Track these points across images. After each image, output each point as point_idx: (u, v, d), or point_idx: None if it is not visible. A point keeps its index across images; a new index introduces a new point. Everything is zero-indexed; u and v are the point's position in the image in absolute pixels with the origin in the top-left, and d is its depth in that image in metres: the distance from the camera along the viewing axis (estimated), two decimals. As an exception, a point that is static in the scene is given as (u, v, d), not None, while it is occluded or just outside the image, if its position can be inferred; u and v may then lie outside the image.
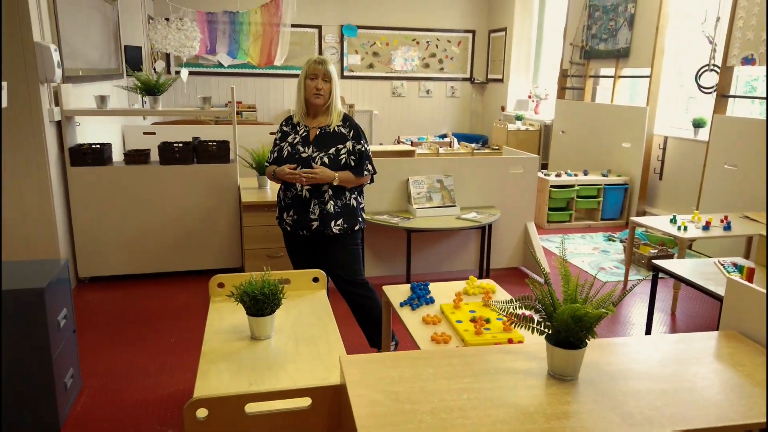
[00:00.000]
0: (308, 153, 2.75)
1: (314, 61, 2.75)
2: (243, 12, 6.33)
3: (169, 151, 4.03)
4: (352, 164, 2.80)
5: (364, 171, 2.82)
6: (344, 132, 2.80)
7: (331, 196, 2.77)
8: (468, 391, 1.41)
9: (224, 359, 1.88)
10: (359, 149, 2.81)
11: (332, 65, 2.78)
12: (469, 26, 9.50)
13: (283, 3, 6.28)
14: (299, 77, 2.78)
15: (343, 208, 2.81)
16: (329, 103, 2.77)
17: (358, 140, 2.81)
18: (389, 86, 9.42)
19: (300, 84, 2.76)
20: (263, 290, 1.95)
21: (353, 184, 2.82)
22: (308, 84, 2.74)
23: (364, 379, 1.47)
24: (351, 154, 2.79)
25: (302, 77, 2.76)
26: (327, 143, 2.76)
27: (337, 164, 2.76)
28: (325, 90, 2.73)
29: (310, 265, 2.89)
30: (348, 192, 2.83)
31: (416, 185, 4.10)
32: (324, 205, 2.77)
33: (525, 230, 4.50)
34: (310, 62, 2.76)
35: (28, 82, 3.44)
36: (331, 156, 2.75)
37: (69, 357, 2.65)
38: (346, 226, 2.82)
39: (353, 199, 2.87)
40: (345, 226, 2.82)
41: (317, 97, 2.73)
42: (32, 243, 3.69)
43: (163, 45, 5.60)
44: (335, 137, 2.79)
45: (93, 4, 4.82)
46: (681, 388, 1.44)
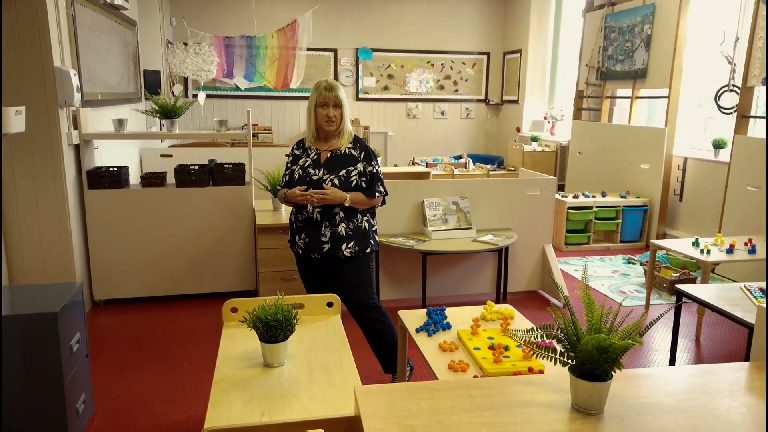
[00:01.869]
0: (319, 175, 2.74)
1: (324, 88, 2.71)
2: (260, 36, 6.41)
3: (185, 173, 4.04)
4: (363, 186, 2.78)
5: (375, 192, 2.80)
6: (355, 154, 2.79)
7: (342, 219, 2.75)
8: (488, 425, 1.35)
9: (236, 387, 1.83)
10: (370, 171, 2.79)
11: (341, 90, 2.77)
12: (483, 48, 9.53)
13: (299, 27, 6.35)
14: (309, 103, 2.76)
15: (354, 231, 2.79)
16: (341, 126, 2.77)
17: (369, 162, 2.79)
18: (404, 108, 9.44)
19: (310, 110, 2.75)
20: (276, 316, 1.91)
21: (365, 205, 2.79)
22: (319, 112, 2.72)
23: (379, 411, 1.41)
24: (362, 175, 2.78)
25: (312, 104, 2.74)
26: (338, 165, 2.76)
27: (348, 186, 2.74)
28: (337, 116, 2.72)
29: (323, 289, 2.87)
30: (360, 214, 2.81)
31: (432, 207, 4.06)
32: (335, 227, 2.75)
33: (543, 253, 4.42)
34: (320, 89, 2.71)
35: (47, 106, 3.48)
36: (342, 178, 2.74)
37: (81, 382, 2.62)
38: (357, 249, 2.79)
39: (365, 221, 2.84)
40: (357, 248, 2.79)
41: (330, 125, 2.72)
42: (48, 265, 3.70)
43: (181, 69, 5.67)
44: (346, 159, 2.77)
45: (113, 30, 4.90)
46: (714, 424, 1.36)
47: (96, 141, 4.10)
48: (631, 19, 6.25)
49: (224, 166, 4.13)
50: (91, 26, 4.23)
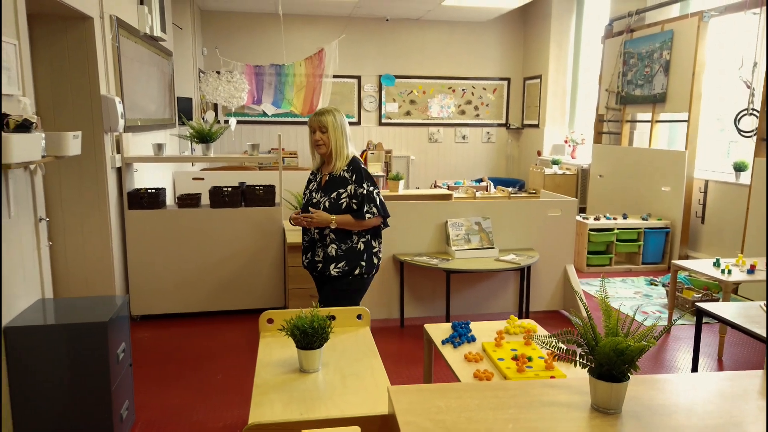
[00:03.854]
0: (317, 198, 2.85)
1: (313, 114, 2.86)
2: (288, 64, 6.67)
3: (218, 195, 4.24)
4: (355, 207, 2.81)
5: (366, 214, 2.79)
6: (346, 176, 2.82)
7: (333, 240, 2.82)
8: (513, 421, 1.46)
9: (275, 390, 1.96)
10: (361, 192, 2.80)
11: (329, 115, 2.81)
12: (504, 74, 9.71)
13: (326, 56, 6.60)
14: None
15: (347, 252, 2.83)
16: (332, 150, 2.82)
17: (360, 183, 2.81)
18: (426, 132, 9.63)
19: (309, 137, 2.90)
20: (313, 324, 2.05)
21: (355, 227, 2.81)
22: (311, 137, 2.86)
23: (412, 408, 1.53)
24: (352, 197, 2.80)
25: (309, 131, 2.89)
26: (332, 188, 2.83)
27: (338, 208, 2.80)
28: (324, 140, 2.80)
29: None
30: (355, 235, 2.84)
31: (455, 227, 4.19)
32: (326, 248, 2.84)
33: (564, 273, 4.50)
34: (311, 115, 2.87)
35: (93, 132, 3.71)
36: (332, 200, 2.80)
37: (125, 390, 2.77)
38: (347, 269, 2.83)
39: (361, 242, 2.86)
40: (346, 269, 2.83)
41: (318, 148, 2.84)
42: (90, 281, 3.89)
43: (213, 96, 5.93)
44: (338, 182, 2.83)
45: (152, 60, 5.18)
46: (727, 424, 1.45)
47: (135, 164, 4.33)
48: (650, 45, 6.38)
49: (256, 187, 4.32)
50: (133, 57, 4.50)
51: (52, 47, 3.58)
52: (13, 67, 2.44)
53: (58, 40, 3.57)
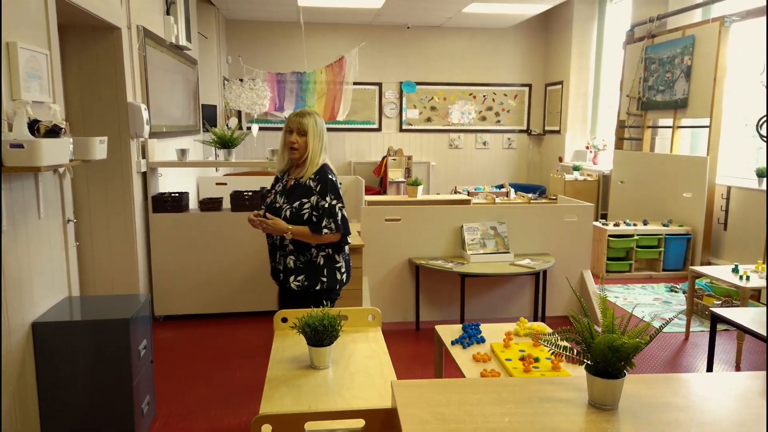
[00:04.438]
0: (280, 203, 2.69)
1: (293, 114, 2.68)
2: (309, 72, 6.80)
3: (239, 199, 4.36)
4: (314, 220, 2.64)
5: (323, 229, 2.62)
6: (312, 185, 2.65)
7: (292, 251, 2.67)
8: (510, 415, 1.51)
9: (286, 385, 2.04)
10: (323, 205, 2.62)
11: (311, 118, 2.65)
12: (525, 80, 9.72)
13: (346, 63, 6.71)
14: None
15: (306, 265, 2.68)
16: (306, 156, 2.65)
17: (323, 196, 2.63)
18: (446, 138, 9.68)
19: (282, 135, 2.73)
20: (323, 322, 2.12)
21: (311, 240, 2.65)
22: (286, 137, 2.67)
23: (413, 401, 1.59)
24: (314, 209, 2.63)
25: (284, 129, 2.72)
26: (295, 196, 2.67)
27: (300, 218, 2.62)
28: (300, 144, 2.62)
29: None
30: (314, 248, 2.68)
31: (470, 232, 4.23)
32: (285, 258, 2.70)
33: (581, 278, 4.50)
34: (291, 115, 2.70)
35: (120, 137, 3.86)
36: (294, 209, 2.63)
37: (146, 385, 2.88)
38: (306, 284, 2.69)
39: (322, 256, 2.69)
40: (306, 283, 2.69)
41: (292, 152, 2.65)
42: (116, 281, 4.03)
43: (236, 103, 6.08)
44: (303, 190, 2.66)
45: (178, 68, 5.35)
46: (724, 421, 1.48)
47: (160, 169, 4.48)
48: (671, 51, 6.34)
49: (275, 192, 4.42)
50: (158, 65, 4.65)
51: (82, 56, 3.74)
52: (44, 75, 2.57)
53: (88, 50, 3.73)
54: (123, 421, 2.65)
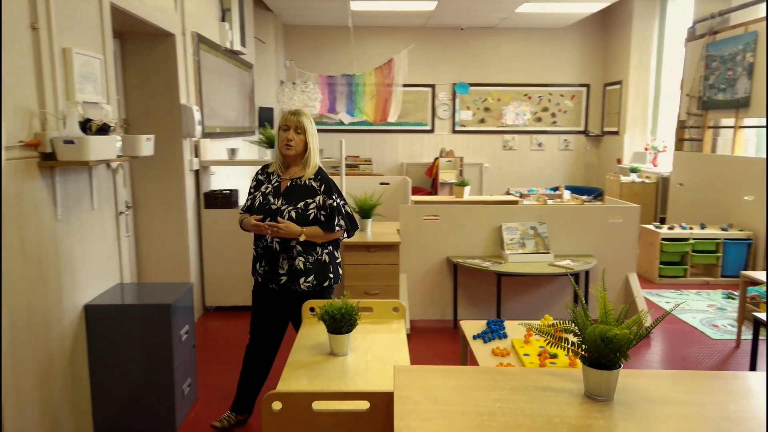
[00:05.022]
0: (277, 205, 2.64)
1: (288, 112, 2.69)
2: (359, 74, 6.94)
3: (284, 196, 4.53)
4: (322, 219, 2.66)
5: (335, 226, 2.66)
6: (315, 185, 2.67)
7: (300, 252, 2.65)
8: (502, 401, 1.55)
9: (304, 368, 2.15)
10: (330, 204, 2.66)
11: (307, 118, 2.67)
12: (583, 80, 9.50)
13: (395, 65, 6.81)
14: (276, 127, 2.75)
15: (314, 264, 2.68)
16: (306, 156, 2.68)
17: (329, 194, 2.67)
18: (500, 140, 9.60)
19: (276, 135, 2.72)
20: (342, 311, 2.22)
21: (322, 239, 2.67)
22: (281, 135, 2.66)
23: (411, 384, 1.66)
24: (321, 208, 2.65)
25: (277, 128, 2.71)
26: (296, 196, 2.65)
27: (306, 219, 2.62)
28: (297, 141, 2.64)
29: (273, 320, 2.84)
30: (319, 247, 2.69)
31: (509, 231, 4.22)
32: (292, 260, 2.65)
33: (626, 281, 4.40)
34: (285, 113, 2.69)
35: (173, 137, 4.11)
36: (300, 210, 2.63)
37: (188, 368, 3.07)
38: (315, 283, 2.69)
39: (326, 254, 2.72)
40: (315, 282, 2.69)
41: (287, 149, 2.64)
42: (169, 271, 4.29)
43: (289, 105, 6.30)
44: (305, 190, 2.66)
45: (232, 72, 5.61)
46: (718, 417, 1.46)
47: (213, 167, 4.72)
48: (733, 48, 6.06)
49: (319, 190, 4.57)
50: (212, 69, 4.91)
51: (140, 61, 4.01)
52: (98, 78, 2.81)
53: (145, 55, 4.00)
54: (165, 400, 2.84)
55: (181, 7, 4.16)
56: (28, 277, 2.30)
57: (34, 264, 2.34)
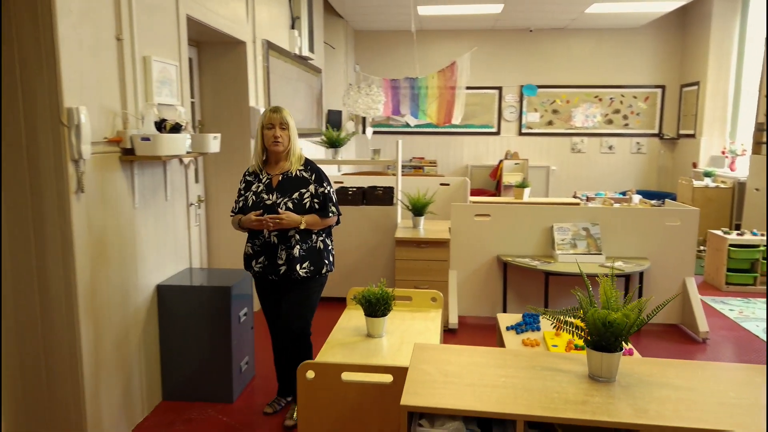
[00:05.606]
0: (272, 199, 2.75)
1: (270, 111, 2.78)
2: (421, 77, 7.11)
3: (343, 194, 4.77)
4: (317, 207, 2.78)
5: (329, 213, 2.80)
6: (306, 176, 2.80)
7: (298, 240, 2.75)
8: (507, 377, 1.68)
9: (341, 346, 2.35)
10: (322, 191, 2.79)
11: (287, 112, 2.79)
12: (658, 81, 9.20)
13: (457, 68, 6.92)
14: (257, 127, 2.82)
15: (308, 251, 2.78)
16: (288, 149, 2.80)
17: (320, 183, 2.80)
18: (568, 142, 9.46)
19: (257, 134, 2.80)
20: (377, 296, 2.40)
21: (319, 226, 2.79)
22: (266, 133, 2.76)
23: (427, 359, 1.82)
24: (314, 197, 2.78)
25: (259, 127, 2.79)
26: (290, 188, 2.77)
27: (302, 208, 2.74)
28: (284, 137, 2.75)
29: (277, 311, 2.93)
30: (314, 235, 2.81)
31: (561, 232, 4.25)
32: (290, 249, 2.75)
33: (684, 285, 4.31)
34: (266, 112, 2.79)
35: (242, 136, 4.45)
36: (295, 200, 2.74)
37: (245, 347, 3.35)
38: (313, 269, 2.80)
39: (320, 241, 2.83)
40: (312, 269, 2.79)
41: (276, 145, 2.74)
42: (236, 262, 4.62)
43: (353, 108, 6.56)
44: (297, 182, 2.78)
45: (300, 77, 5.94)
46: (710, 402, 1.52)
47: (278, 166, 5.03)
48: (817, 45, 5.73)
49: (376, 189, 4.78)
50: (281, 74, 5.24)
51: (214, 67, 4.38)
52: (174, 83, 3.14)
53: (219, 61, 4.36)
54: (223, 374, 3.13)
55: (252, 17, 4.50)
56: (108, 257, 2.64)
57: (114, 246, 2.68)
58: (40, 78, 2.28)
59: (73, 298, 2.41)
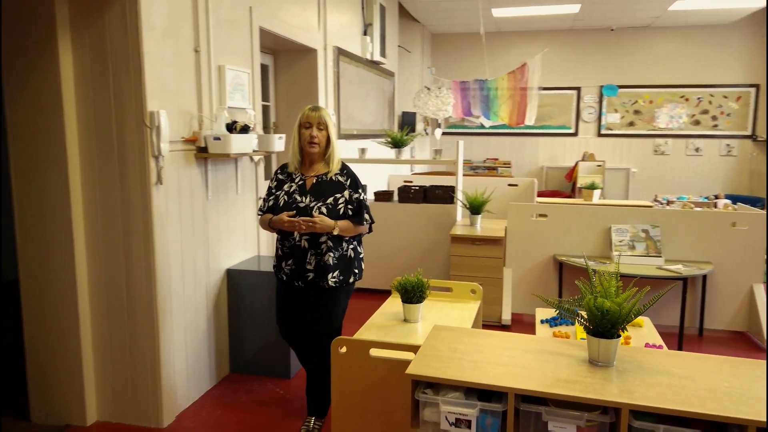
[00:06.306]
0: (306, 202, 2.64)
1: (309, 109, 2.68)
2: (491, 79, 7.19)
3: (405, 192, 4.99)
4: (350, 213, 2.68)
5: (363, 220, 2.71)
6: (342, 180, 2.70)
7: (330, 247, 2.65)
8: (511, 357, 1.83)
9: (377, 328, 2.57)
10: (356, 198, 2.70)
11: (326, 112, 2.68)
12: (751, 80, 8.69)
13: (528, 69, 6.94)
14: (294, 126, 2.72)
15: (340, 260, 2.69)
16: (329, 152, 2.70)
17: (355, 189, 2.71)
18: (651, 144, 9.14)
19: (294, 133, 2.71)
20: (412, 284, 2.60)
21: (352, 233, 2.70)
22: (303, 133, 2.66)
23: (442, 339, 2.00)
24: (348, 203, 2.68)
25: (296, 126, 2.69)
26: (325, 192, 2.66)
27: (336, 213, 2.64)
28: (320, 138, 2.66)
29: (298, 316, 2.81)
30: (345, 242, 2.72)
31: (618, 233, 4.23)
32: (321, 255, 2.65)
33: (751, 291, 4.16)
34: (305, 111, 2.68)
35: (312, 137, 4.78)
36: (330, 205, 2.64)
37: (304, 330, 3.64)
38: (342, 278, 2.70)
39: (351, 249, 2.75)
40: (341, 278, 2.70)
41: (312, 146, 2.65)
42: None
43: (423, 110, 6.76)
44: (333, 186, 2.68)
45: (372, 80, 6.22)
46: (700, 389, 1.60)
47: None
48: None
49: (436, 188, 4.96)
50: (351, 78, 5.54)
51: (287, 72, 4.74)
52: (246, 88, 3.50)
53: (292, 67, 4.72)
54: (282, 353, 3.44)
55: (323, 25, 4.82)
56: (184, 242, 3.01)
57: (188, 233, 3.05)
58: (128, 86, 2.67)
59: (151, 277, 2.79)
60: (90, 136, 2.75)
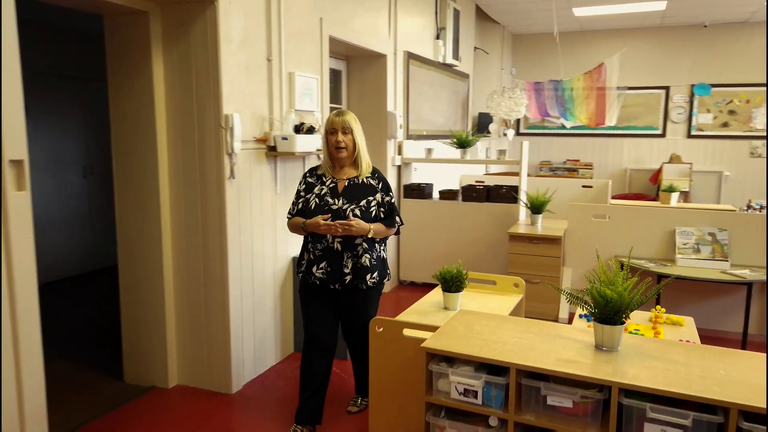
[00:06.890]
0: (338, 205, 2.66)
1: (333, 114, 2.72)
2: (566, 80, 7.13)
3: (469, 191, 5.15)
4: (381, 215, 2.73)
5: (394, 222, 2.78)
6: (373, 183, 2.75)
7: (366, 249, 2.70)
8: (521, 338, 1.99)
9: (417, 313, 2.79)
10: (388, 201, 2.75)
11: (351, 116, 2.72)
12: None
13: (606, 69, 6.83)
14: (322, 131, 2.81)
15: (377, 261, 2.75)
16: (356, 154, 2.74)
17: (386, 192, 2.76)
18: (747, 146, 8.63)
19: (323, 139, 2.75)
20: (451, 274, 2.79)
21: (383, 235, 2.75)
22: (330, 139, 2.70)
23: (464, 322, 2.19)
24: (380, 205, 2.73)
25: (324, 132, 2.74)
26: (357, 195, 2.70)
27: (369, 216, 2.68)
28: (347, 142, 2.68)
29: (335, 318, 2.84)
30: (377, 244, 2.77)
31: (683, 236, 4.16)
32: (358, 258, 2.69)
33: (830, 302, 3.95)
34: (330, 116, 2.72)
35: (380, 138, 5.05)
36: (363, 208, 2.68)
37: (363, 316, 3.92)
38: (378, 279, 2.76)
39: (382, 250, 2.81)
40: (377, 278, 2.76)
41: (339, 151, 2.69)
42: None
43: (496, 111, 6.85)
44: (365, 189, 2.73)
45: (444, 82, 6.41)
46: (693, 375, 1.69)
47: (415, 164, 5.57)
48: None
49: (500, 188, 5.07)
50: (422, 80, 5.76)
51: (358, 76, 5.04)
52: (314, 93, 3.83)
53: (363, 72, 5.02)
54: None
55: (394, 31, 5.08)
56: (253, 231, 3.38)
57: (258, 223, 3.42)
58: (208, 91, 3.06)
59: (224, 260, 3.17)
60: (176, 138, 3.18)
